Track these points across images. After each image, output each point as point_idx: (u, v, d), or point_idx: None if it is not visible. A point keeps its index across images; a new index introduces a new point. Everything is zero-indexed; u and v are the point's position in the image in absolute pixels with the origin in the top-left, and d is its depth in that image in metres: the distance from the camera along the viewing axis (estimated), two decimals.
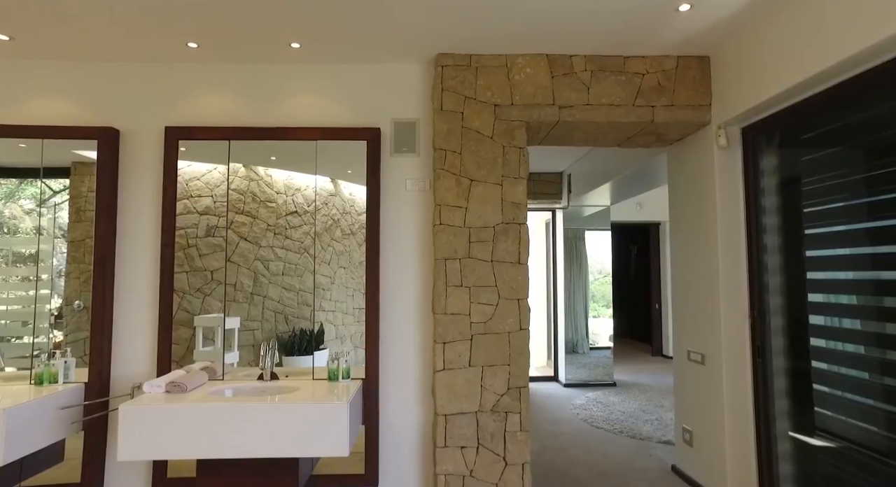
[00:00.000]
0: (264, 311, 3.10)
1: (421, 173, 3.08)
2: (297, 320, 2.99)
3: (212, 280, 3.05)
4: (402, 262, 3.04)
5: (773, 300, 2.83)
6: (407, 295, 3.03)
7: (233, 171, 2.98)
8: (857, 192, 2.31)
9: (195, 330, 2.98)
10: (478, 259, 2.88)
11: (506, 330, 2.87)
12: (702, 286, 3.16)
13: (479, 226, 2.89)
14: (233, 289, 3.02)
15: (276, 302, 3.09)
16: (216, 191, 2.98)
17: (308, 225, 3.02)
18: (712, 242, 3.06)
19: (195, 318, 2.97)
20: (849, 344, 2.36)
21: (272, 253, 3.05)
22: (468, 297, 2.86)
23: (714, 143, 3.02)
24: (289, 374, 2.99)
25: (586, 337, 6.77)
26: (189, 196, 2.93)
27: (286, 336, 2.95)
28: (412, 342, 3.01)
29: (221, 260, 2.97)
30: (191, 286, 2.97)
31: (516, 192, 2.92)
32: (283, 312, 3.09)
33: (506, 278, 2.89)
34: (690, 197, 3.29)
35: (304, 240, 3.02)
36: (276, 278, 3.03)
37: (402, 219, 3.05)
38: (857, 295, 2.30)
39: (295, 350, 2.97)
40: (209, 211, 2.98)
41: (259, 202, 3.02)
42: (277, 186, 3.05)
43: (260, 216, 3.04)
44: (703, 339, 3.15)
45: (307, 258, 3.00)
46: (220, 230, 2.99)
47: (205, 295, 3.01)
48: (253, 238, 3.01)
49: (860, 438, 2.28)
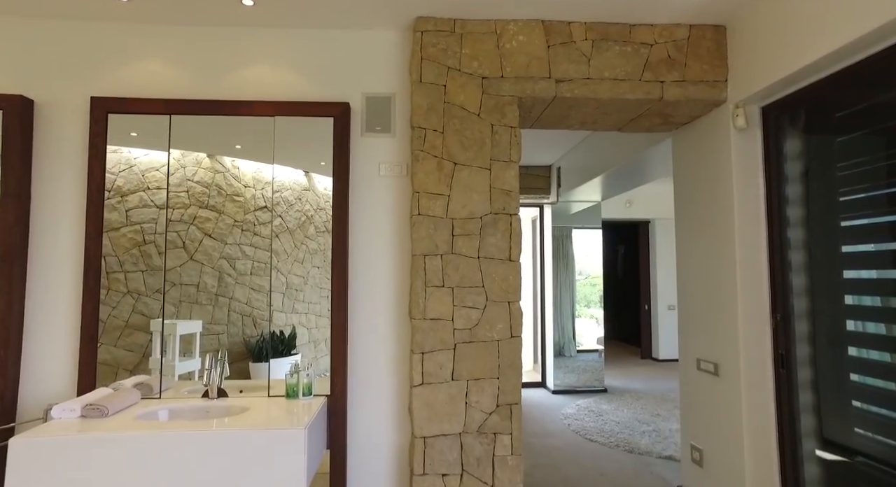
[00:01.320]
0: (230, 314, 2.79)
1: (397, 156, 2.66)
2: (267, 323, 2.66)
3: (169, 281, 2.71)
4: (375, 259, 2.62)
5: (798, 303, 2.48)
6: (380, 298, 2.61)
7: (196, 162, 2.65)
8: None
9: (152, 336, 2.64)
10: (462, 255, 2.48)
11: (494, 338, 2.47)
12: (715, 287, 2.80)
13: (464, 217, 2.49)
14: (195, 290, 2.71)
15: (244, 303, 2.77)
16: (172, 179, 2.63)
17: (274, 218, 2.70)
18: (728, 237, 2.70)
19: (152, 322, 2.62)
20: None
21: (239, 251, 2.72)
22: (451, 300, 2.46)
23: (731, 125, 2.66)
24: (244, 389, 2.56)
25: (573, 340, 6.43)
26: (146, 188, 2.62)
27: (253, 340, 2.62)
28: (386, 351, 2.60)
29: (182, 259, 2.63)
30: (148, 287, 2.62)
31: (507, 178, 2.53)
32: (250, 315, 2.77)
33: (495, 277, 2.49)
34: (701, 187, 2.93)
35: (273, 237, 2.71)
36: (243, 278, 2.71)
37: (375, 209, 2.63)
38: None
39: (264, 355, 2.64)
40: (169, 204, 2.65)
41: (225, 196, 2.69)
42: (245, 179, 2.71)
43: (226, 211, 2.71)
44: (717, 347, 2.79)
45: (274, 256, 2.66)
46: (175, 225, 2.65)
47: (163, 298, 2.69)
48: (218, 234, 2.68)
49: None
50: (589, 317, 6.58)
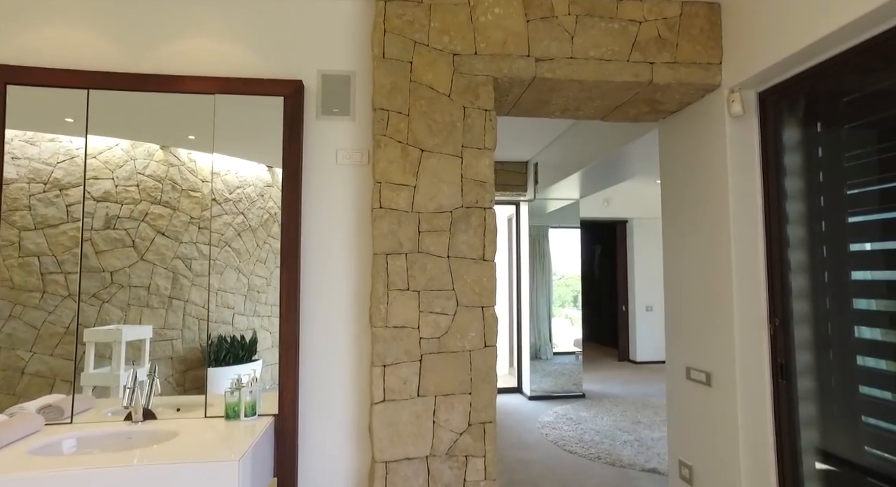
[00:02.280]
0: (185, 317, 2.51)
1: (357, 142, 2.36)
2: (216, 325, 2.42)
3: (112, 282, 2.41)
4: (332, 259, 2.31)
5: (799, 307, 2.26)
6: (337, 303, 2.30)
7: (148, 154, 2.38)
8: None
9: (86, 347, 2.35)
10: (430, 254, 2.19)
11: (466, 348, 2.18)
12: (707, 289, 2.57)
13: (432, 211, 2.20)
14: (146, 293, 2.43)
15: (201, 306, 2.49)
16: (119, 172, 2.36)
17: (229, 213, 2.46)
18: (722, 235, 2.46)
19: (86, 332, 2.32)
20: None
21: (196, 251, 2.45)
22: (416, 305, 2.16)
23: (725, 111, 2.42)
24: (184, 407, 2.24)
25: (550, 342, 6.22)
26: (80, 178, 2.30)
27: (210, 345, 2.38)
28: (344, 364, 2.29)
29: (126, 259, 2.34)
30: (83, 291, 2.31)
31: (481, 167, 2.24)
32: (207, 318, 2.50)
33: (466, 279, 2.20)
34: (692, 180, 2.69)
35: (224, 232, 2.46)
36: (200, 279, 2.45)
37: (332, 202, 2.32)
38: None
39: (222, 360, 2.38)
40: (109, 197, 2.36)
41: (181, 191, 2.43)
42: (203, 173, 2.44)
43: (182, 207, 2.44)
44: (709, 355, 2.56)
45: (229, 252, 2.42)
46: (123, 221, 2.38)
47: (102, 302, 2.40)
48: (173, 233, 2.42)
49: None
50: (564, 317, 6.41)
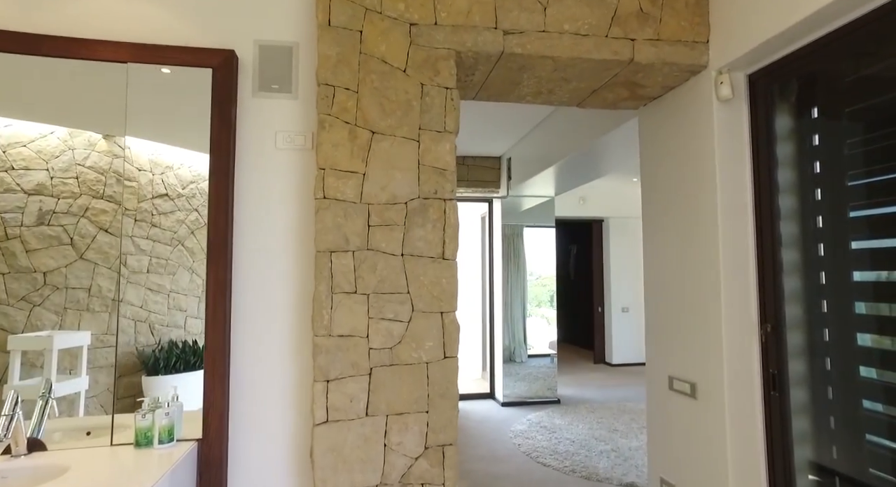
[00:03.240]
0: (120, 320, 2.24)
1: (299, 123, 2.05)
2: (167, 329, 2.16)
3: (45, 284, 2.13)
4: (270, 257, 2.00)
5: (793, 311, 2.04)
6: (275, 307, 1.99)
7: (90, 144, 2.14)
8: None
9: (10, 356, 2.07)
10: (381, 251, 1.90)
11: (423, 360, 1.90)
12: (692, 291, 2.33)
13: (384, 202, 1.91)
14: (86, 295, 2.19)
15: (139, 307, 2.23)
16: (55, 162, 2.09)
17: (182, 210, 2.21)
18: (709, 232, 2.23)
19: (10, 339, 2.03)
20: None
21: (132, 245, 2.20)
22: (365, 310, 1.87)
23: (713, 95, 2.19)
24: (94, 430, 1.92)
25: (524, 344, 5.99)
26: (9, 168, 2.06)
27: (148, 350, 2.14)
28: (283, 378, 1.98)
29: (63, 258, 2.08)
30: (10, 294, 2.05)
31: (440, 152, 1.97)
32: (146, 320, 2.22)
33: (423, 281, 1.92)
34: (675, 172, 2.46)
35: (177, 230, 2.20)
36: (137, 276, 2.20)
37: (270, 192, 2.01)
38: None
39: (160, 368, 2.09)
40: (43, 190, 2.10)
41: (115, 180, 2.20)
42: (140, 162, 2.17)
43: (118, 199, 2.21)
44: (694, 364, 2.32)
45: (182, 251, 2.17)
46: (61, 217, 2.13)
47: (33, 306, 2.13)
48: (117, 229, 2.17)
49: None
50: (541, 317, 6.22)
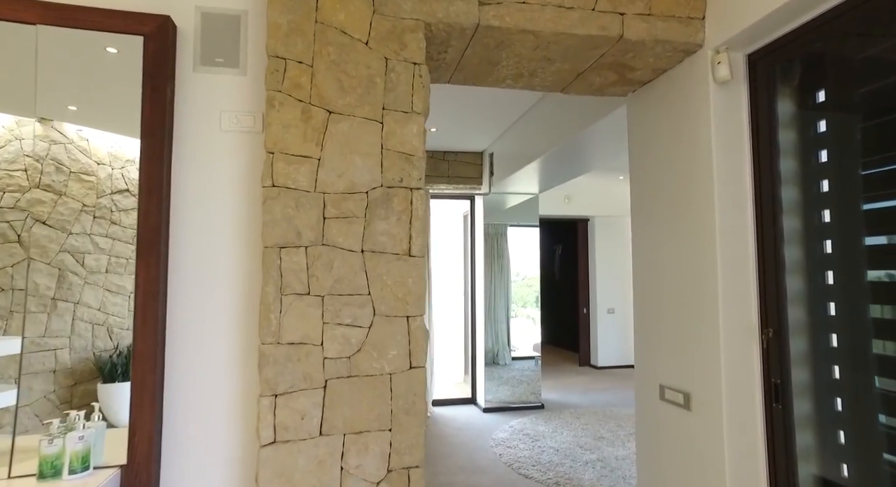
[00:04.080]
0: (75, 323, 1.99)
1: (248, 101, 1.81)
2: (127, 333, 1.92)
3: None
4: (212, 254, 1.75)
5: (797, 314, 1.85)
6: (218, 311, 1.75)
7: (37, 134, 1.86)
8: None
9: None
10: (338, 247, 1.67)
11: (385, 371, 1.67)
12: (686, 292, 2.13)
13: (342, 192, 1.68)
14: (21, 295, 1.92)
15: (96, 309, 1.98)
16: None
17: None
18: (705, 228, 2.03)
19: None
20: None
21: (90, 243, 1.96)
22: (320, 314, 1.64)
23: (709, 77, 2.00)
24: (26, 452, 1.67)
25: (508, 346, 5.80)
26: None
27: (106, 355, 1.89)
28: (226, 393, 1.74)
29: (9, 257, 1.86)
30: None
31: (407, 135, 1.74)
32: (105, 323, 1.98)
33: (387, 281, 1.69)
34: (668, 162, 2.26)
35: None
36: (96, 277, 1.96)
37: (213, 180, 1.77)
38: None
39: (118, 374, 1.85)
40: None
41: (69, 174, 1.93)
42: (98, 155, 1.93)
43: (71, 193, 1.93)
44: (688, 372, 2.12)
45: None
46: (6, 213, 1.92)
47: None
48: (58, 222, 1.92)
49: None
50: (526, 317, 6.06)
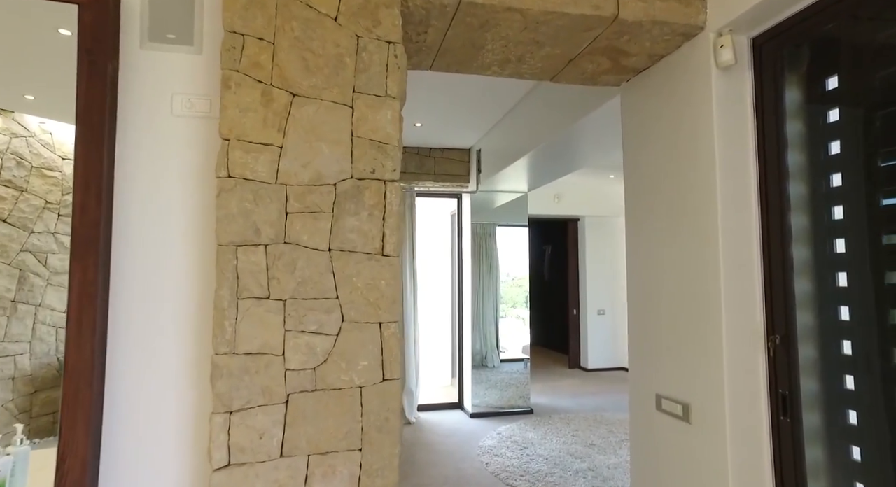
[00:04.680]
0: (37, 326, 1.81)
1: (203, 83, 1.62)
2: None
3: None
4: (162, 253, 1.57)
5: (807, 318, 1.70)
6: (169, 318, 1.56)
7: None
8: None
9: None
10: (302, 246, 1.49)
11: (355, 383, 1.50)
12: (685, 295, 1.98)
13: (308, 183, 1.50)
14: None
15: (62, 312, 1.80)
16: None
17: None
18: (706, 226, 1.88)
19: None
20: None
21: (54, 243, 1.78)
22: (281, 320, 1.46)
23: (711, 62, 1.84)
24: None
25: (496, 349, 5.64)
26: None
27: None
28: (177, 410, 1.55)
29: None
30: None
31: (380, 122, 1.57)
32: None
33: (357, 283, 1.52)
34: (665, 156, 2.11)
35: None
36: (60, 278, 1.78)
37: (164, 170, 1.58)
38: None
39: None
40: None
41: (30, 169, 1.74)
42: (63, 149, 1.75)
43: (33, 189, 1.75)
44: (687, 381, 1.97)
45: None
46: None
47: None
48: (19, 220, 1.74)
49: None
50: (516, 318, 5.95)
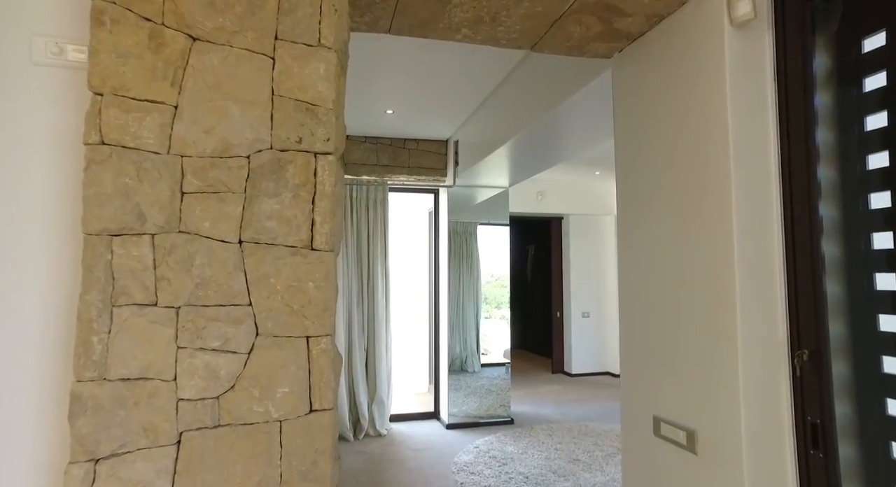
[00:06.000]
0: None
1: (74, 25, 1.24)
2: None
3: None
4: (14, 247, 1.18)
5: (840, 330, 1.39)
6: (22, 332, 1.18)
7: None
8: None
9: None
10: (202, 236, 1.13)
11: (272, 417, 1.14)
12: (691, 300, 1.65)
13: (211, 155, 1.15)
14: None
15: None
16: None
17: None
18: (716, 218, 1.55)
19: None
20: None
21: None
22: (173, 334, 1.10)
23: (724, 19, 1.52)
24: None
25: (477, 353, 5.33)
26: None
27: None
28: (27, 457, 1.17)
29: None
30: None
31: (310, 78, 1.21)
32: None
33: (276, 285, 1.16)
34: (667, 135, 1.78)
35: None
36: None
37: (20, 134, 1.20)
38: None
39: None
40: None
41: None
42: None
43: None
44: (693, 403, 1.64)
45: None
46: None
47: None
48: None
49: None
50: (500, 318, 5.69)
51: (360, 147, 4.53)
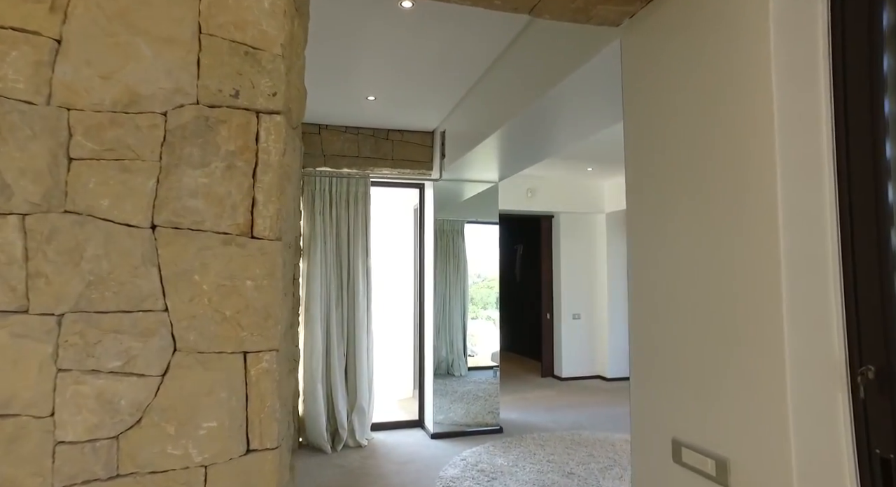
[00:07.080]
0: None
1: None
2: None
3: None
4: None
5: None
6: None
7: None
8: None
9: None
10: (97, 216, 0.83)
11: (193, 462, 0.84)
12: (724, 306, 1.38)
13: (111, 109, 0.85)
14: None
15: None
16: None
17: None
18: (756, 208, 1.28)
19: None
20: None
21: None
22: (50, 351, 0.80)
23: None
24: None
25: (464, 356, 5.07)
26: None
27: None
28: None
29: None
30: None
31: (251, 12, 0.91)
32: None
33: (202, 284, 0.87)
34: (690, 113, 1.51)
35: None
36: None
37: None
38: None
39: None
40: None
41: None
42: None
43: None
44: (722, 427, 1.37)
45: None
46: None
47: None
48: None
49: None
50: (487, 319, 5.46)
51: (339, 137, 4.22)
